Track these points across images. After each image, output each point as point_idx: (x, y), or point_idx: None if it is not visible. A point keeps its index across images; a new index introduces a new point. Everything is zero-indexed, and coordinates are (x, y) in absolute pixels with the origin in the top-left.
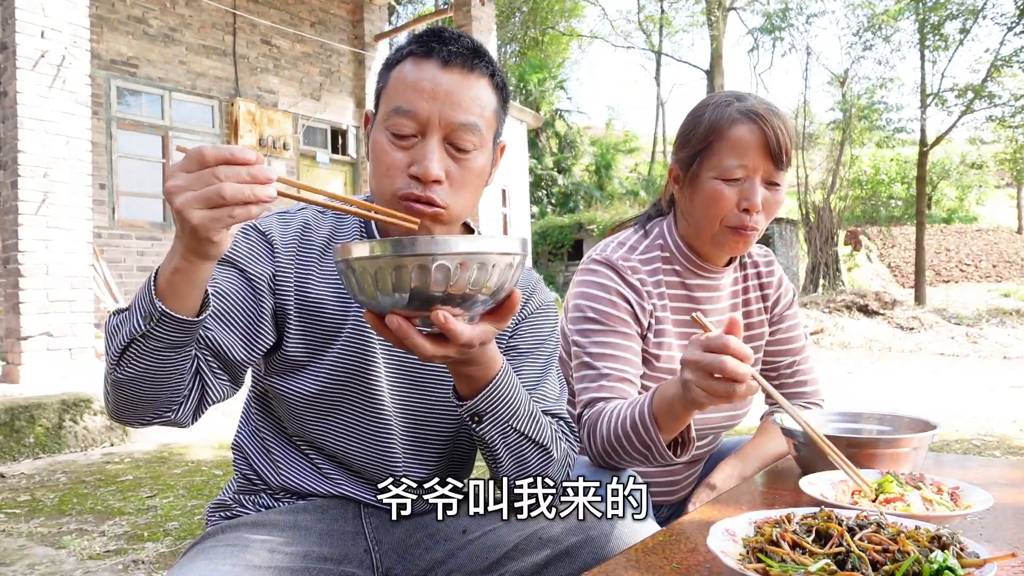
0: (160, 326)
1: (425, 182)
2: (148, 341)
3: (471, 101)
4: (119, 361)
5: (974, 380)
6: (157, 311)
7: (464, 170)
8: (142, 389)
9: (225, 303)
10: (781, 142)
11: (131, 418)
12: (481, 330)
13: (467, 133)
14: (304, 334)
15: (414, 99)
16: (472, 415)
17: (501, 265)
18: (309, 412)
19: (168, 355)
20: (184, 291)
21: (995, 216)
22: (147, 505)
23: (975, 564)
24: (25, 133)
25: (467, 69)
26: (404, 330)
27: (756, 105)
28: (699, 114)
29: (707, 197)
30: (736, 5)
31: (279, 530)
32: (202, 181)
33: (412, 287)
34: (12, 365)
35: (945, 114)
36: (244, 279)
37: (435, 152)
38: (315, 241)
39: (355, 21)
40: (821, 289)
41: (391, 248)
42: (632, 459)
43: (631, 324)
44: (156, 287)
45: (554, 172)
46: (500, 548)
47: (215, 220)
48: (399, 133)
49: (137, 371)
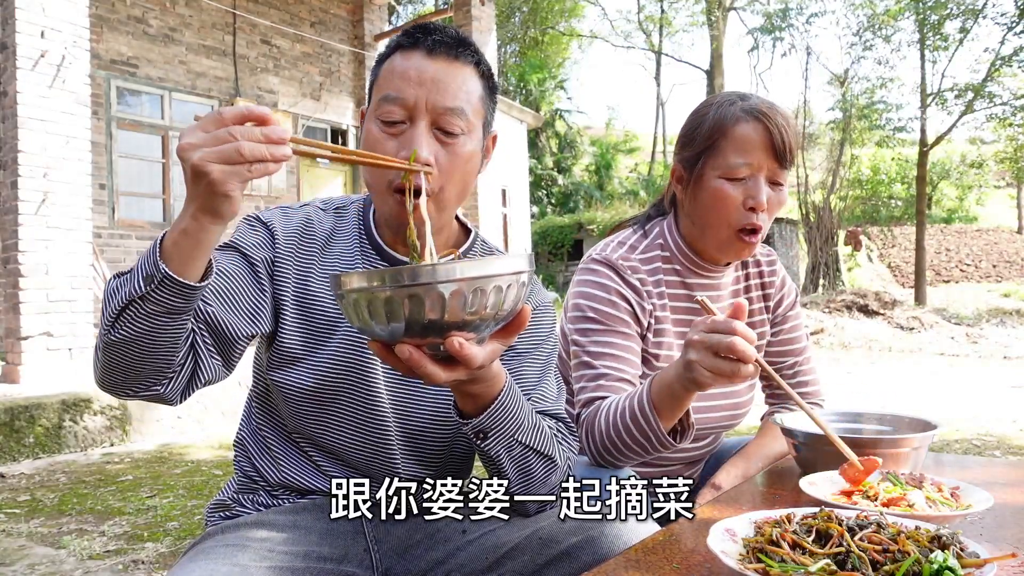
0: (161, 289)
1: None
2: (147, 304)
3: (457, 87)
4: (114, 323)
5: (974, 380)
6: (160, 273)
7: (452, 155)
8: (134, 354)
9: (226, 281)
10: (785, 140)
11: (119, 386)
12: (491, 350)
13: (454, 117)
14: (300, 326)
15: (401, 86)
16: (477, 433)
17: (515, 286)
18: (307, 407)
19: (165, 321)
20: (190, 254)
21: (995, 216)
22: (147, 505)
23: (975, 564)
24: (25, 133)
25: (452, 57)
26: (417, 359)
27: (760, 104)
28: (703, 113)
29: (712, 196)
30: (736, 5)
31: (279, 530)
32: (219, 139)
33: (428, 318)
34: (12, 365)
35: (945, 114)
36: (246, 262)
37: (423, 136)
38: (316, 236)
39: (355, 21)
40: (821, 289)
41: (403, 278)
42: (632, 452)
43: (631, 324)
44: (161, 250)
45: (554, 172)
46: (500, 548)
47: (233, 174)
48: (388, 120)
49: (132, 334)
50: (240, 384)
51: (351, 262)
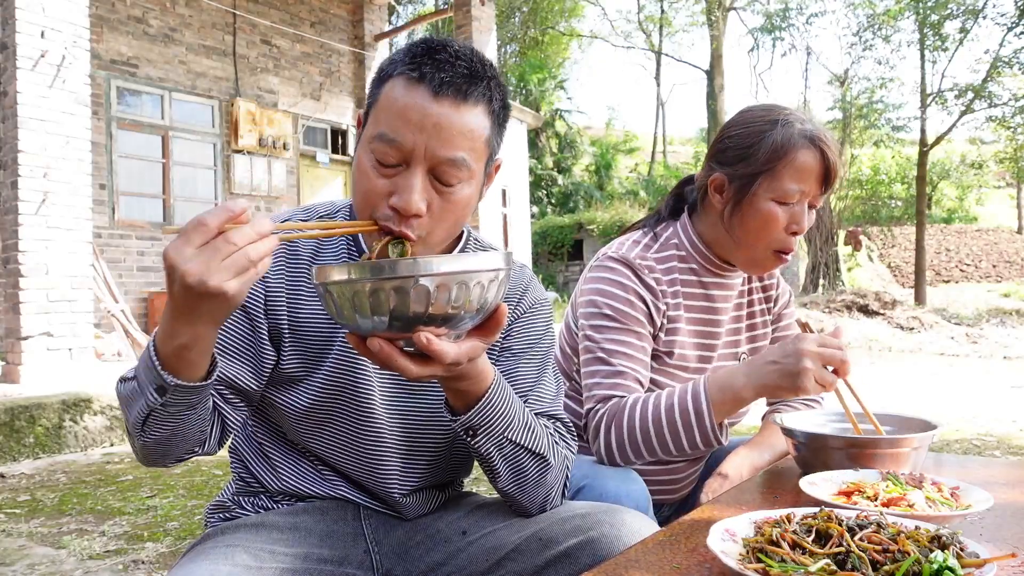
0: (176, 395)
1: (405, 215)
2: (167, 408)
3: (460, 135)
4: (142, 428)
5: (974, 380)
6: (170, 385)
7: (447, 203)
8: (170, 443)
9: (227, 336)
10: (836, 170)
11: (162, 460)
12: (468, 347)
13: (453, 168)
14: (298, 351)
15: (400, 128)
16: (466, 429)
17: (484, 282)
18: (302, 424)
19: (186, 414)
20: (195, 362)
21: (995, 216)
22: (147, 505)
23: (975, 564)
24: (25, 133)
25: (460, 99)
26: (386, 353)
27: (817, 131)
28: (761, 130)
29: (762, 217)
30: (736, 5)
31: (279, 531)
32: (222, 252)
33: (391, 310)
34: (12, 365)
35: (945, 114)
36: (240, 309)
37: (417, 185)
38: (302, 258)
39: (355, 21)
40: (821, 289)
41: (368, 271)
42: (665, 449)
43: (645, 324)
44: (162, 360)
45: (554, 172)
46: (500, 550)
47: (248, 283)
48: (383, 161)
49: (163, 433)
50: None
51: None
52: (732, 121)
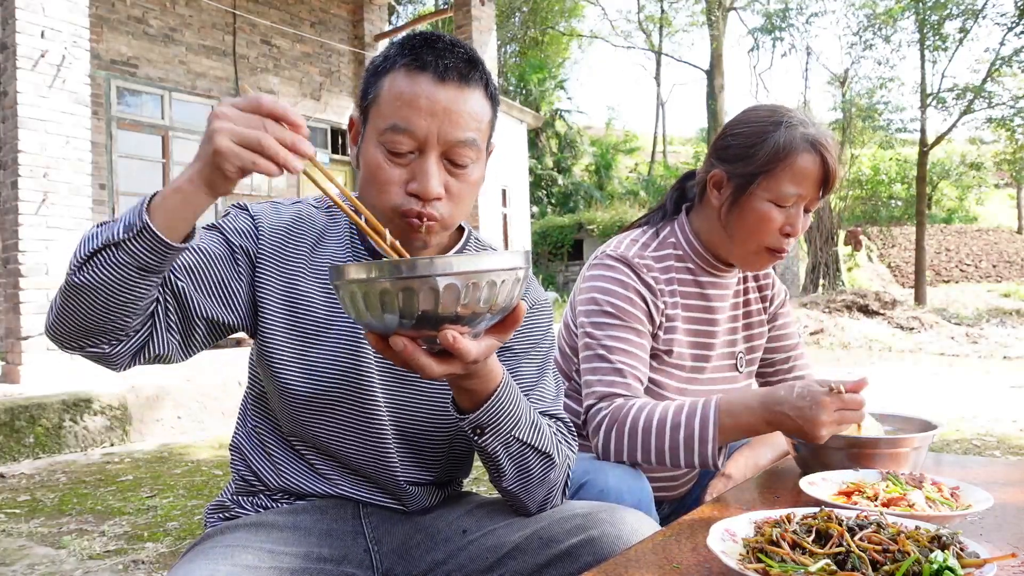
0: (138, 240)
1: (426, 200)
2: (119, 252)
3: (468, 116)
4: (83, 264)
5: (974, 380)
6: (140, 222)
7: (462, 183)
8: (93, 303)
9: (201, 259)
10: (835, 175)
11: (68, 335)
12: (486, 345)
13: (465, 149)
14: (287, 326)
15: (411, 117)
16: (474, 428)
17: (509, 281)
18: (302, 411)
19: (133, 275)
20: (175, 213)
21: (995, 216)
22: (147, 505)
23: (975, 564)
24: (25, 133)
25: (463, 83)
26: (410, 351)
27: (820, 135)
28: (764, 131)
29: (757, 217)
30: (736, 5)
31: (279, 531)
32: (249, 123)
33: (421, 310)
34: (12, 365)
35: (945, 114)
36: (227, 245)
37: (434, 169)
38: (306, 235)
39: (355, 21)
40: (821, 289)
41: (399, 270)
42: (658, 460)
43: (644, 322)
44: (149, 206)
45: (554, 172)
46: (501, 548)
47: (238, 156)
48: (396, 151)
49: (96, 279)
50: (240, 384)
51: (343, 262)
52: (736, 119)
